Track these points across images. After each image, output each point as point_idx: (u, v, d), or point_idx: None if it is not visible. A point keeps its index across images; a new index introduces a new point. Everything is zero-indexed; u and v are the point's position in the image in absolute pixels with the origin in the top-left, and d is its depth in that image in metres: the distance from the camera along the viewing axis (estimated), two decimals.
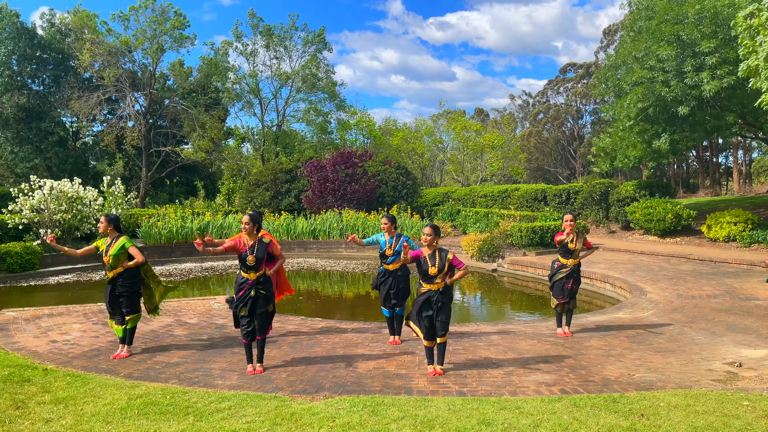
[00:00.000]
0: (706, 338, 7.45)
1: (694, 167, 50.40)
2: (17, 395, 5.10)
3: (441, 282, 5.96)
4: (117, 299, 6.77)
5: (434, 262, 5.94)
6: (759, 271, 12.70)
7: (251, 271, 6.13)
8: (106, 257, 6.74)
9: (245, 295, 6.10)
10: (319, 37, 36.77)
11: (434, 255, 5.99)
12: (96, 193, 19.42)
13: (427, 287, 5.97)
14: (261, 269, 6.19)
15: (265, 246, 6.22)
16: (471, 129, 46.93)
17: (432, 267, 5.93)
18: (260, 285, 6.17)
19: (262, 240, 6.25)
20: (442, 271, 5.94)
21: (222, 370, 6.17)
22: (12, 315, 9.04)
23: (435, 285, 5.95)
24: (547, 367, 6.25)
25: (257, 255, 6.13)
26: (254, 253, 6.12)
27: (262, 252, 6.18)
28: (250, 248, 6.14)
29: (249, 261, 6.09)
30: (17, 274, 15.72)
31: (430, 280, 5.96)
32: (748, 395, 4.98)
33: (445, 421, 4.37)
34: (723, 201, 25.04)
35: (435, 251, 6.01)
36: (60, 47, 32.03)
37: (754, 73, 10.73)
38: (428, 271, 5.93)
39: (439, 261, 5.95)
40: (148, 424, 4.44)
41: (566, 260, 7.81)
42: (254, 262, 6.10)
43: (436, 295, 5.93)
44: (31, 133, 31.05)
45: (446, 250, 6.08)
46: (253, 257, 6.10)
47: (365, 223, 22.36)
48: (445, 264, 5.96)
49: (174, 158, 33.52)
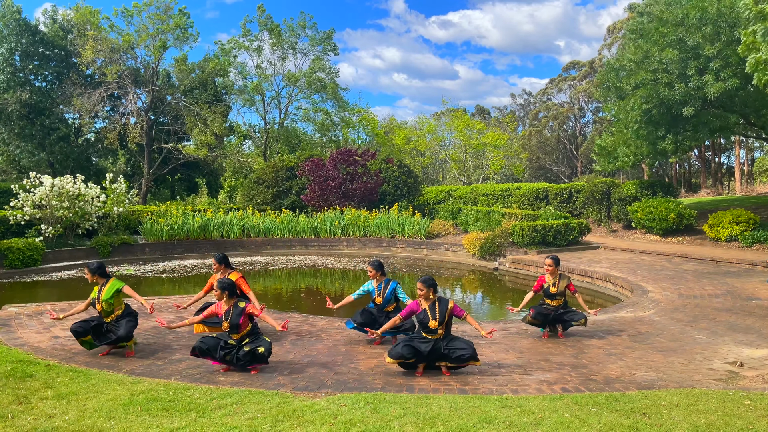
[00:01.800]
0: (707, 338, 7.45)
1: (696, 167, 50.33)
2: (20, 390, 5.12)
3: (442, 332, 5.80)
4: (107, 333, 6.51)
5: (434, 315, 5.75)
6: (760, 271, 12.69)
7: (232, 333, 5.94)
8: (99, 305, 6.52)
9: (229, 353, 5.88)
10: (328, 38, 36.74)
11: (434, 306, 5.78)
12: (98, 189, 19.44)
13: (428, 337, 5.80)
14: (242, 330, 5.95)
15: (240, 311, 5.95)
16: (473, 127, 46.89)
17: (432, 320, 5.74)
18: (245, 343, 5.92)
19: (237, 305, 6.00)
20: (443, 323, 5.77)
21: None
22: (14, 311, 9.06)
23: (437, 335, 5.81)
24: (548, 365, 6.26)
25: (232, 321, 5.91)
26: (228, 319, 5.92)
27: (237, 317, 5.92)
28: (225, 313, 5.96)
29: (224, 327, 5.92)
30: (19, 270, 15.75)
31: (432, 332, 5.78)
32: (750, 395, 4.99)
33: (446, 419, 4.38)
34: (725, 201, 25.00)
35: (434, 302, 5.82)
36: (62, 44, 32.01)
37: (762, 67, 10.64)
38: (429, 324, 5.75)
39: (440, 313, 5.75)
40: (151, 419, 4.46)
41: (551, 301, 7.63)
42: (229, 328, 5.91)
43: (439, 342, 5.78)
44: (34, 129, 31.07)
45: (446, 299, 5.88)
46: (227, 323, 5.91)
47: (366, 221, 22.36)
48: (445, 316, 5.77)
49: (176, 155, 33.51)
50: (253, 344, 5.87)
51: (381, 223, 22.16)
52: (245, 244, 21.37)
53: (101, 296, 6.53)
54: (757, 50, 10.71)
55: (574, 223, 17.80)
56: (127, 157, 37.18)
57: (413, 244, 20.87)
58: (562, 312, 7.60)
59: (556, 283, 7.64)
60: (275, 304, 11.83)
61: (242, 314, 5.93)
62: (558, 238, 17.41)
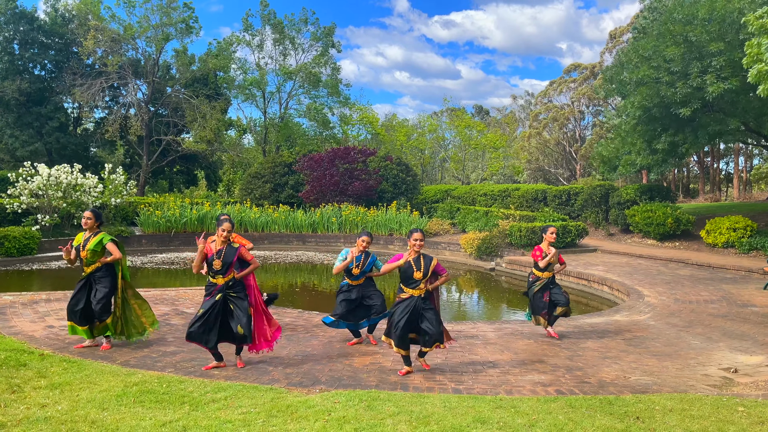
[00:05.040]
0: (702, 343, 7.46)
1: (694, 172, 50.41)
2: (13, 379, 5.10)
3: (423, 287, 5.90)
4: (89, 301, 6.45)
5: (419, 267, 5.89)
6: (756, 278, 12.72)
7: (218, 275, 5.91)
8: (84, 251, 6.45)
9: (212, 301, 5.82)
10: (329, 34, 36.61)
11: (419, 260, 5.93)
12: (96, 180, 19.39)
13: (410, 292, 5.89)
14: (230, 273, 5.94)
15: (234, 250, 5.96)
16: (474, 128, 46.88)
17: (417, 271, 5.87)
18: (230, 289, 5.93)
19: (232, 245, 6.01)
20: (426, 275, 5.89)
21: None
22: (9, 299, 9.03)
23: (418, 290, 5.89)
24: (543, 367, 6.26)
25: (225, 259, 5.89)
26: (221, 257, 5.90)
27: (231, 256, 5.92)
28: (218, 252, 5.93)
29: (216, 266, 5.88)
30: (15, 258, 15.70)
31: (414, 284, 5.88)
32: (744, 401, 4.99)
33: (440, 418, 4.37)
34: (722, 207, 25.05)
35: (419, 256, 5.95)
36: (63, 32, 31.87)
37: (765, 78, 10.70)
38: (413, 275, 5.86)
39: (424, 266, 5.90)
40: (144, 411, 4.44)
41: (541, 273, 7.92)
42: (221, 266, 5.88)
43: (418, 300, 5.88)
44: (31, 118, 30.95)
45: (430, 256, 6.02)
46: (220, 261, 5.87)
47: (364, 218, 22.34)
48: (429, 269, 5.90)
49: (175, 147, 33.44)
50: (238, 298, 5.90)
51: (379, 221, 22.14)
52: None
53: (88, 245, 6.45)
54: (761, 61, 10.77)
55: (572, 226, 17.81)
56: (125, 148, 37.08)
57: None
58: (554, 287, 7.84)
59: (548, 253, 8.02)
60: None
61: (236, 254, 5.96)
62: (555, 240, 17.41)
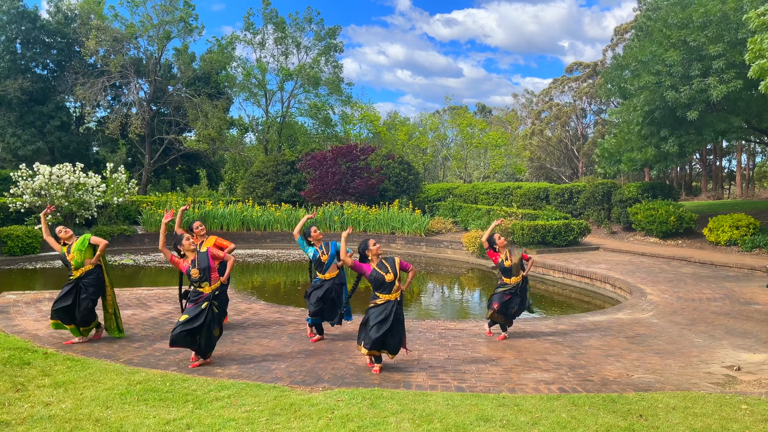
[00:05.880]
0: (705, 341, 7.45)
1: (697, 170, 50.30)
2: (17, 378, 5.11)
3: (398, 288, 5.84)
4: (75, 305, 6.56)
5: (386, 270, 5.81)
6: (759, 276, 12.69)
7: (204, 283, 5.88)
8: (70, 255, 6.65)
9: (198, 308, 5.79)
10: (332, 35, 36.57)
11: (383, 264, 5.87)
12: (98, 179, 19.42)
13: (385, 298, 5.80)
14: (213, 280, 5.92)
15: (205, 253, 5.93)
16: (476, 126, 46.82)
17: (387, 274, 5.79)
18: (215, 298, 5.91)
19: (200, 251, 6.02)
20: (396, 275, 5.82)
21: (221, 359, 6.18)
22: (12, 298, 9.06)
23: (393, 294, 5.81)
24: (545, 365, 6.26)
25: (200, 265, 5.87)
26: (197, 265, 5.87)
27: (205, 260, 5.89)
28: (192, 262, 5.90)
29: (194, 275, 5.85)
30: (18, 257, 15.74)
31: (389, 288, 5.79)
32: (747, 399, 4.99)
33: (443, 416, 4.38)
34: (725, 205, 24.99)
35: (381, 260, 5.91)
36: (65, 32, 31.89)
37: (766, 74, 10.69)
38: (386, 279, 5.78)
39: (391, 267, 5.83)
40: (148, 410, 4.45)
41: (508, 279, 7.55)
42: (199, 275, 5.84)
43: (395, 305, 5.79)
44: (33, 117, 30.98)
45: (391, 257, 5.98)
46: (197, 270, 5.85)
47: (366, 216, 22.34)
48: (396, 268, 5.84)
49: (177, 146, 33.45)
50: (221, 306, 6.04)
51: (381, 219, 22.14)
52: (245, 237, 21.36)
53: (72, 248, 6.67)
54: (763, 57, 10.75)
55: (574, 224, 17.79)
56: (127, 147, 37.11)
57: (412, 241, 20.87)
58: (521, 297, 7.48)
59: (508, 257, 7.55)
60: (273, 298, 11.82)
61: (208, 256, 5.92)
62: (557, 238, 17.40)
